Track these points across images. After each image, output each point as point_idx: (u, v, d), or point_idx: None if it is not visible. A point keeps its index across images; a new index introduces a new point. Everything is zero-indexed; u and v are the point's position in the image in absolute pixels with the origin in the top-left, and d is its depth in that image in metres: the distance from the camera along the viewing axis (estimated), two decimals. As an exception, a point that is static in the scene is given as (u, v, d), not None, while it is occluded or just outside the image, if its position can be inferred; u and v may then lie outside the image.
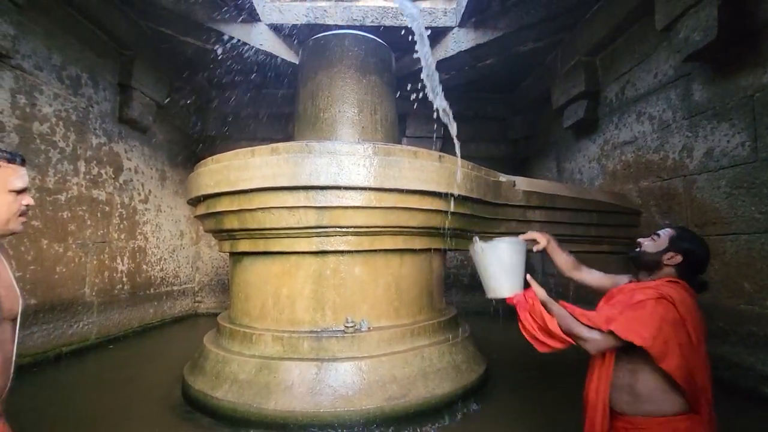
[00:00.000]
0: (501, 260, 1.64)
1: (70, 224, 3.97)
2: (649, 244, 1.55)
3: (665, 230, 1.56)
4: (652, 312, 1.32)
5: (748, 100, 2.92)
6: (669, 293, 1.36)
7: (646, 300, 1.35)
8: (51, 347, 3.73)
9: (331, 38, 3.88)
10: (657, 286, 1.41)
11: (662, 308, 1.33)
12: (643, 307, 1.34)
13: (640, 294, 1.39)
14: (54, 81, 3.77)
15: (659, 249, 1.51)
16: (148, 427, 2.44)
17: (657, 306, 1.33)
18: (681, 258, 1.48)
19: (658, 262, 1.50)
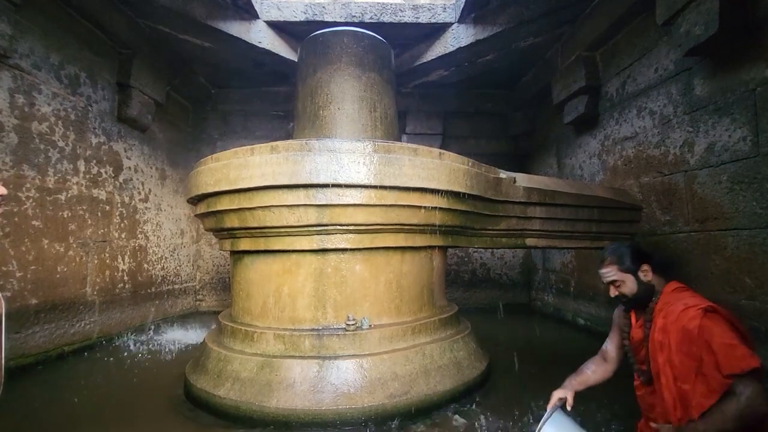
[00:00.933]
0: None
1: (70, 224, 3.97)
2: (623, 287, 1.52)
3: (607, 270, 1.54)
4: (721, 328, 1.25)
5: (749, 94, 2.90)
6: (696, 303, 1.32)
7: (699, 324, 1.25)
8: (53, 347, 3.74)
9: (330, 35, 3.86)
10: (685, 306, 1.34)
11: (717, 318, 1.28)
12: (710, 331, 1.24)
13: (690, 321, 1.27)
14: (52, 80, 3.76)
15: (633, 281, 1.49)
16: (152, 425, 2.45)
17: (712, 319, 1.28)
18: (647, 265, 1.49)
19: (647, 288, 1.49)
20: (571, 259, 5.48)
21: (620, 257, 1.52)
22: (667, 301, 1.42)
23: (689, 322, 1.28)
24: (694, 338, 1.24)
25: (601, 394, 1.78)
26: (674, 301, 1.39)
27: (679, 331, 1.29)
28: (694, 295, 1.40)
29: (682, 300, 1.37)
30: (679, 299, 1.39)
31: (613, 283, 1.53)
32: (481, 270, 6.92)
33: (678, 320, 1.31)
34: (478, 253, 6.90)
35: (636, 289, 1.49)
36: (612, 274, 1.53)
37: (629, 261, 1.50)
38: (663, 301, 1.43)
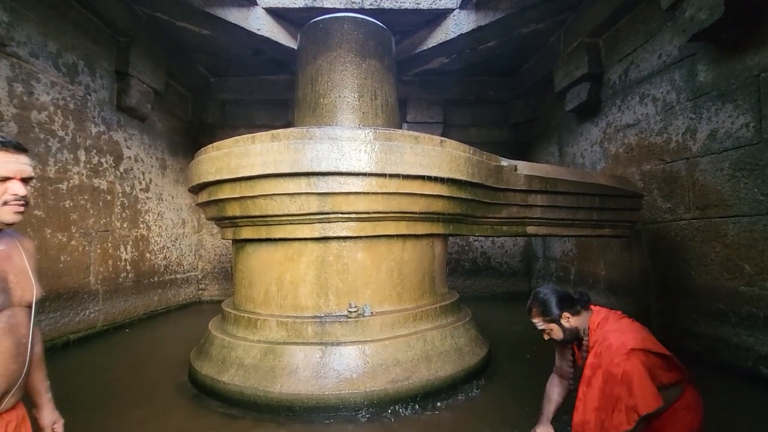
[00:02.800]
0: None
1: (72, 213, 3.98)
2: (552, 334, 1.72)
3: (535, 321, 1.74)
4: (639, 375, 1.44)
5: (753, 80, 2.88)
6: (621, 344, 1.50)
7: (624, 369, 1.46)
8: (58, 335, 3.79)
9: (330, 21, 3.81)
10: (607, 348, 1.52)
11: (637, 362, 1.46)
12: (630, 377, 1.44)
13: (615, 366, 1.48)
14: (50, 69, 3.73)
15: (560, 328, 1.69)
16: (158, 410, 2.50)
17: (634, 363, 1.46)
18: (567, 311, 1.67)
19: (572, 331, 1.68)
20: (572, 248, 5.50)
21: (543, 309, 1.70)
22: (596, 339, 1.61)
23: (614, 367, 1.47)
24: (617, 381, 1.46)
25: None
26: (602, 340, 1.57)
27: (605, 374, 1.50)
28: (616, 328, 1.57)
29: (607, 340, 1.54)
30: (605, 338, 1.56)
31: (543, 332, 1.73)
32: (482, 259, 6.95)
33: (604, 364, 1.51)
34: (478, 241, 6.92)
35: (562, 335, 1.69)
36: (540, 325, 1.72)
37: (552, 312, 1.68)
38: (593, 338, 1.63)
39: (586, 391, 1.56)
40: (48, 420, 1.33)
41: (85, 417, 2.40)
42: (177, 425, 2.32)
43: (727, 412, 2.40)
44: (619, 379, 1.45)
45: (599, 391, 1.50)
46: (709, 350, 3.23)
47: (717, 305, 3.18)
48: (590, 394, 1.54)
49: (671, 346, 3.82)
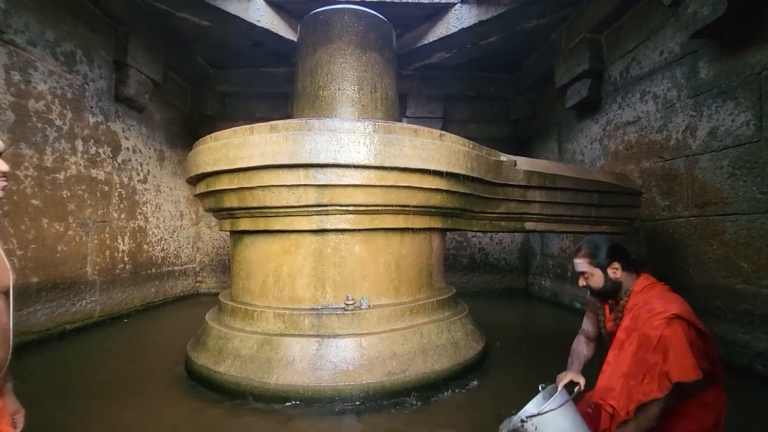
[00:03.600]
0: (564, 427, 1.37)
1: (69, 203, 3.96)
2: (591, 280, 1.59)
3: (579, 261, 1.61)
4: (679, 342, 1.34)
5: (755, 77, 2.87)
6: (665, 308, 1.40)
7: (662, 333, 1.36)
8: (54, 325, 3.78)
9: (330, 13, 3.78)
10: (652, 311, 1.42)
11: (679, 329, 1.35)
12: (669, 342, 1.34)
13: (654, 329, 1.38)
14: (48, 57, 3.70)
15: (601, 276, 1.57)
16: (155, 399, 2.50)
17: (675, 330, 1.35)
18: (619, 262, 1.55)
19: (615, 283, 1.56)
20: (570, 244, 5.50)
21: (594, 252, 1.58)
22: (636, 303, 1.50)
23: (652, 330, 1.37)
24: (653, 346, 1.35)
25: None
26: (643, 304, 1.48)
27: (640, 337, 1.39)
28: (662, 296, 1.48)
29: (649, 304, 1.45)
30: (647, 302, 1.47)
31: (582, 274, 1.61)
32: (480, 254, 6.95)
33: (642, 327, 1.41)
34: (476, 237, 6.92)
35: (602, 284, 1.57)
36: (583, 266, 1.59)
37: (601, 257, 1.57)
38: (632, 301, 1.52)
39: (617, 354, 1.46)
40: (10, 409, 1.28)
41: (80, 406, 2.40)
42: (173, 415, 2.32)
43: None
44: (655, 344, 1.34)
45: (631, 356, 1.39)
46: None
47: (714, 303, 3.19)
48: (621, 358, 1.43)
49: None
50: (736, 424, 2.21)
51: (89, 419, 2.25)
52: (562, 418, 1.37)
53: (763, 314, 2.81)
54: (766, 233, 2.80)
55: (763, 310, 2.82)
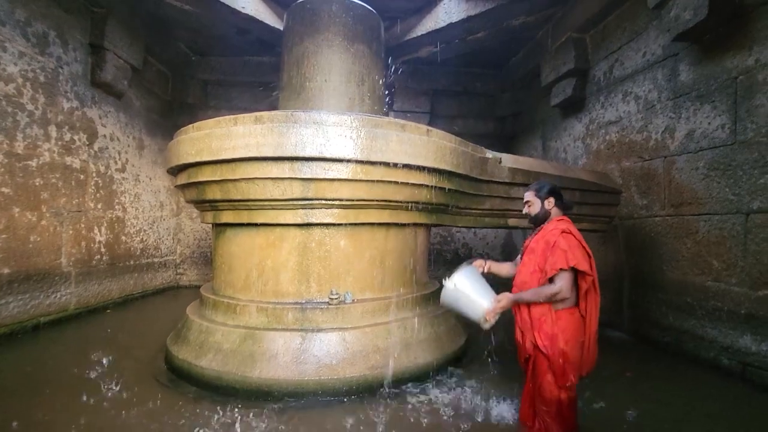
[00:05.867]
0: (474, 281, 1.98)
1: (42, 192, 3.81)
2: (531, 207, 2.08)
3: (528, 193, 2.10)
4: (565, 243, 1.85)
5: (731, 82, 2.96)
6: (565, 228, 1.93)
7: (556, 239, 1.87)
8: (28, 317, 3.65)
9: (318, 3, 3.70)
10: (554, 228, 1.95)
11: (571, 239, 1.88)
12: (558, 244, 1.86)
13: (552, 237, 1.91)
14: (18, 38, 3.52)
15: (540, 204, 2.06)
16: (132, 394, 2.45)
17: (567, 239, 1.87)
18: (553, 197, 2.05)
19: (545, 213, 2.06)
20: (551, 241, 5.61)
21: (539, 187, 2.09)
22: (548, 227, 2.01)
23: (551, 237, 1.92)
24: (550, 247, 1.89)
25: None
26: (551, 227, 1.99)
27: (544, 243, 1.93)
28: (565, 224, 1.97)
29: (556, 226, 1.96)
30: (554, 226, 1.97)
31: (527, 203, 2.10)
32: (464, 250, 7.04)
33: (545, 236, 1.95)
34: (460, 233, 6.99)
35: (537, 211, 2.07)
36: (529, 196, 2.09)
37: (543, 191, 2.06)
38: (547, 226, 2.03)
39: (530, 257, 1.97)
40: None
41: (54, 401, 2.34)
42: (152, 409, 2.28)
43: (691, 398, 2.53)
44: (552, 245, 1.87)
45: (540, 256, 1.90)
46: (676, 341, 3.38)
47: (685, 299, 3.32)
48: (532, 259, 1.94)
49: (641, 337, 3.97)
50: (702, 415, 2.32)
51: (64, 415, 2.19)
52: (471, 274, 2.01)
53: (730, 310, 2.94)
54: (737, 233, 2.92)
55: (730, 306, 2.94)
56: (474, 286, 1.96)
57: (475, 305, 1.92)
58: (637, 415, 2.29)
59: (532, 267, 1.92)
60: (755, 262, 2.78)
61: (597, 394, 2.43)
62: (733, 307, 2.92)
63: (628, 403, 2.41)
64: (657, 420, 2.26)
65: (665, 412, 2.36)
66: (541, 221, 2.07)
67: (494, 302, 1.89)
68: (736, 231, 2.92)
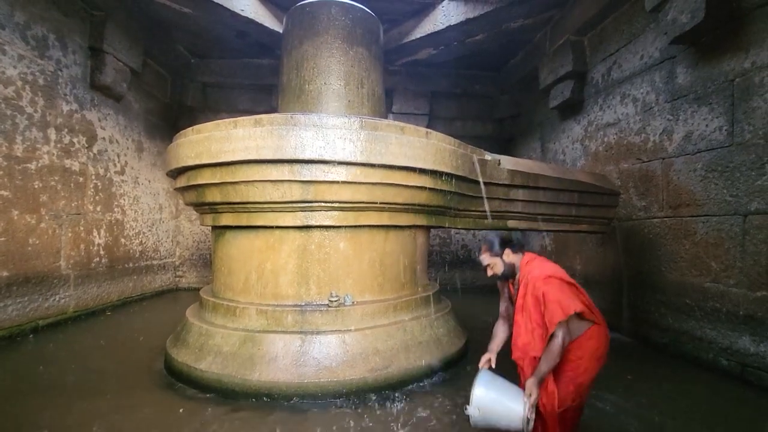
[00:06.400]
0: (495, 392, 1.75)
1: (41, 195, 3.81)
2: (495, 268, 1.97)
3: (483, 256, 2.00)
4: (554, 293, 1.75)
5: (728, 84, 2.98)
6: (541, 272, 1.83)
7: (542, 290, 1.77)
8: (27, 320, 3.65)
9: (317, 6, 3.72)
10: (533, 278, 1.84)
11: (554, 283, 1.79)
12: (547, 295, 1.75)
13: (537, 290, 1.80)
14: (18, 41, 3.52)
15: (502, 262, 1.96)
16: (131, 398, 2.45)
17: (550, 286, 1.78)
18: (508, 248, 1.97)
19: (510, 266, 1.97)
20: (550, 242, 5.63)
21: (491, 246, 1.97)
22: (524, 274, 1.92)
23: (537, 291, 1.79)
24: (540, 301, 1.78)
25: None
26: (528, 273, 1.89)
27: (532, 298, 1.82)
28: (539, 265, 1.90)
29: (532, 273, 1.86)
30: (530, 272, 1.88)
31: (488, 266, 1.99)
32: (463, 251, 7.04)
33: (530, 291, 1.83)
34: (459, 234, 7.00)
35: (503, 268, 1.97)
36: (487, 260, 1.98)
37: (496, 248, 1.96)
38: (521, 273, 1.94)
39: (522, 315, 1.87)
40: None
41: (53, 405, 2.33)
42: (150, 413, 2.28)
43: (690, 399, 2.53)
44: (542, 299, 1.77)
45: (535, 312, 1.80)
46: (675, 342, 3.39)
47: (684, 300, 3.32)
48: (527, 316, 1.83)
49: (640, 338, 3.97)
50: (700, 416, 2.33)
51: (62, 418, 2.19)
52: (491, 390, 1.74)
53: (729, 311, 2.94)
54: (735, 234, 2.93)
55: (729, 307, 2.95)
56: (496, 398, 1.72)
57: (510, 416, 1.68)
58: (636, 416, 2.29)
59: (530, 326, 1.82)
60: (753, 264, 2.79)
61: (596, 397, 2.44)
62: (731, 308, 2.93)
63: (627, 405, 2.42)
64: (657, 421, 2.26)
65: (664, 413, 2.37)
66: (511, 275, 1.98)
67: (526, 400, 1.69)
68: (734, 232, 2.93)
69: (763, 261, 2.73)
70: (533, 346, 1.79)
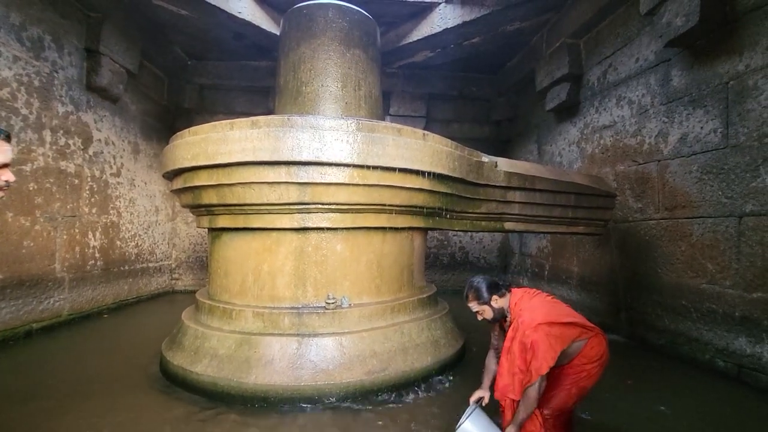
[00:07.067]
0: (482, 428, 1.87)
1: (36, 197, 3.78)
2: (486, 314, 2.00)
3: (471, 305, 2.01)
4: (543, 343, 1.77)
5: (723, 87, 3.00)
6: (531, 320, 1.84)
7: (532, 339, 1.79)
8: (20, 324, 3.61)
9: (314, 8, 3.72)
10: (523, 324, 1.85)
11: (542, 333, 1.79)
12: (537, 345, 1.77)
13: (526, 338, 1.82)
14: (13, 42, 3.51)
15: (491, 308, 1.98)
16: (126, 401, 2.42)
17: (540, 335, 1.79)
18: (495, 294, 1.98)
19: (499, 310, 1.99)
20: (547, 244, 5.64)
21: (478, 295, 1.98)
22: (513, 317, 1.95)
23: (525, 338, 1.81)
24: (527, 349, 1.80)
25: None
26: (517, 316, 1.91)
27: (519, 344, 1.83)
28: (528, 307, 1.91)
29: (521, 317, 1.88)
30: (520, 315, 1.90)
31: (477, 313, 2.01)
32: (460, 253, 7.04)
33: (519, 336, 1.85)
34: (457, 236, 7.00)
35: (492, 314, 1.99)
36: (475, 307, 2.00)
37: (483, 296, 1.97)
38: (512, 315, 1.97)
39: (507, 357, 1.89)
40: None
41: (47, 409, 2.31)
42: (146, 416, 2.25)
43: (687, 401, 2.54)
44: (529, 347, 1.80)
45: (518, 357, 1.83)
46: (671, 344, 3.39)
47: (680, 301, 3.33)
48: (510, 360, 1.87)
49: (637, 340, 3.98)
50: (699, 417, 2.33)
51: (57, 423, 2.16)
52: (478, 421, 1.86)
53: (725, 313, 2.96)
54: (730, 236, 2.95)
55: (725, 309, 2.96)
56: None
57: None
58: (633, 418, 2.29)
59: (513, 369, 1.85)
60: (749, 265, 2.81)
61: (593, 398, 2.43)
62: (727, 309, 2.94)
63: (624, 406, 2.42)
64: (654, 422, 2.26)
65: (661, 415, 2.37)
66: (501, 318, 2.02)
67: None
68: (730, 234, 2.95)
69: (759, 262, 2.74)
70: (512, 389, 1.83)
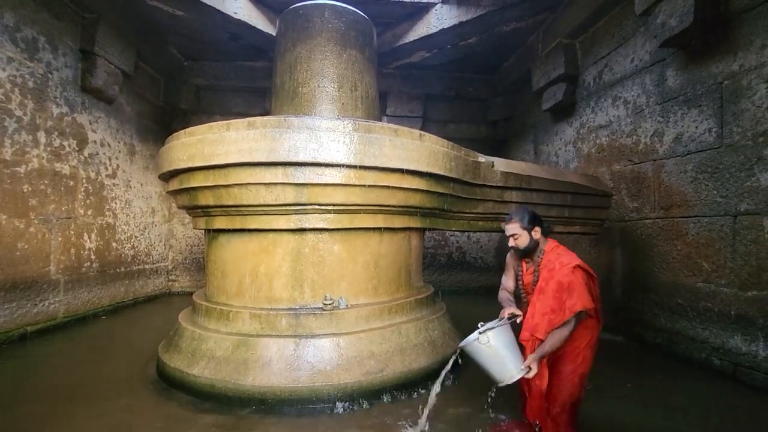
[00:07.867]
0: (508, 342, 1.86)
1: (31, 199, 3.75)
2: (519, 240, 2.02)
3: (511, 225, 2.03)
4: (580, 284, 1.85)
5: (717, 87, 3.02)
6: (570, 261, 1.92)
7: (570, 279, 1.86)
8: (15, 326, 3.58)
9: (311, 8, 3.71)
10: (561, 265, 1.92)
11: (580, 276, 1.87)
12: (574, 285, 1.85)
13: (565, 277, 1.88)
14: (7, 43, 3.48)
15: (529, 236, 2.01)
16: (123, 404, 2.41)
17: (578, 277, 1.87)
18: (538, 227, 2.02)
19: (534, 243, 2.03)
20: (544, 244, 5.65)
21: (522, 218, 2.01)
22: (549, 259, 2.00)
23: (564, 278, 1.88)
24: (564, 288, 1.86)
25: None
26: (554, 259, 1.98)
27: (556, 283, 1.89)
28: (566, 253, 2.00)
29: (560, 258, 1.96)
30: (558, 258, 1.97)
31: (513, 236, 2.03)
32: (457, 253, 7.05)
33: (556, 276, 1.91)
34: (454, 236, 7.01)
35: (527, 243, 2.01)
36: (514, 229, 2.02)
37: (527, 222, 2.00)
38: (546, 258, 2.01)
39: (540, 297, 1.94)
40: None
41: (42, 413, 2.29)
42: (143, 419, 2.24)
43: (683, 399, 2.55)
44: (567, 286, 1.86)
45: (552, 297, 1.88)
46: (668, 342, 3.41)
47: (677, 300, 3.35)
48: (543, 300, 1.91)
49: (633, 338, 3.99)
50: (694, 414, 2.34)
51: (51, 427, 2.14)
52: (506, 333, 1.87)
53: (721, 311, 2.97)
54: (725, 235, 2.96)
55: (720, 307, 2.98)
56: (503, 349, 1.84)
57: (502, 370, 1.83)
58: (630, 415, 2.30)
59: (545, 309, 1.87)
60: (744, 264, 2.82)
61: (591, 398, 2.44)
62: (723, 308, 2.96)
63: (620, 404, 2.43)
64: (650, 420, 2.27)
65: (657, 413, 2.38)
66: (531, 252, 2.04)
67: (524, 370, 1.79)
68: (725, 233, 2.97)
69: (753, 261, 2.76)
70: (540, 329, 1.87)
